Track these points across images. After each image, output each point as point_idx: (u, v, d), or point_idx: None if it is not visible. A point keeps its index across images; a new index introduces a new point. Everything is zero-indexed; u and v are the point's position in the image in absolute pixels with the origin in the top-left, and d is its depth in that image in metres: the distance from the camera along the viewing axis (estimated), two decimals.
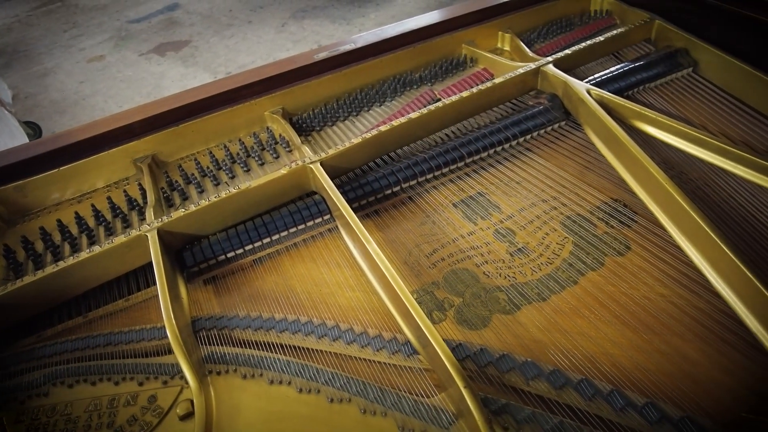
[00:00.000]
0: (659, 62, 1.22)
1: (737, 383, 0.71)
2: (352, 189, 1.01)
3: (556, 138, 1.14)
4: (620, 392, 0.70)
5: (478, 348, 0.77)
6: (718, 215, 0.91)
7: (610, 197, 1.00)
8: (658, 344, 0.76)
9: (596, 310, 0.82)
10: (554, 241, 0.94)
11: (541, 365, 0.74)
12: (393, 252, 0.96)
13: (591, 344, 0.77)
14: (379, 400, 0.73)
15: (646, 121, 1.06)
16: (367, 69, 1.29)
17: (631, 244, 0.91)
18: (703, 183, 0.97)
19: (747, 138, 1.06)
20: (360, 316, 0.85)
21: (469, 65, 1.37)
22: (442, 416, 0.70)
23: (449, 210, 1.02)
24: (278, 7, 4.62)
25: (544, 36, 1.44)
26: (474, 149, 1.08)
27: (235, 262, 0.97)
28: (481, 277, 0.90)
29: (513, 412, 0.69)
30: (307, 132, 1.23)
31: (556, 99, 1.17)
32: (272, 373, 0.78)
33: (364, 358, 0.79)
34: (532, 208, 1.01)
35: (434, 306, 0.86)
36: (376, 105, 1.27)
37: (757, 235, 0.87)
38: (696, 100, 1.18)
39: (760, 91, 1.10)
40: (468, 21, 1.40)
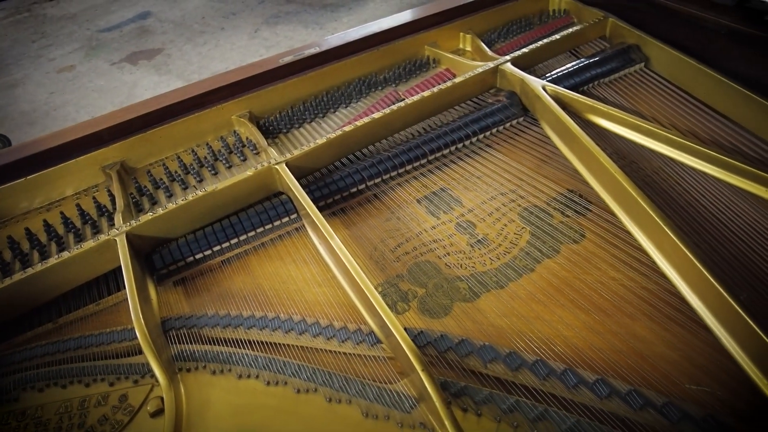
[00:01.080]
0: (612, 58, 1.28)
1: (682, 357, 0.76)
2: (318, 188, 1.04)
3: (515, 134, 1.18)
4: (573, 371, 0.73)
5: (438, 335, 0.80)
6: (666, 201, 0.96)
7: (565, 188, 1.04)
8: (609, 325, 0.80)
9: (552, 295, 0.86)
10: (512, 232, 0.98)
11: (499, 348, 0.77)
12: (359, 248, 0.99)
13: (546, 327, 0.81)
14: (344, 388, 0.75)
15: (599, 115, 1.11)
16: (332, 72, 1.32)
17: (585, 232, 0.96)
18: (652, 171, 1.02)
19: (693, 128, 1.11)
20: (326, 310, 0.87)
21: (432, 66, 1.41)
22: (405, 401, 0.73)
23: (413, 206, 1.06)
24: (251, 13, 4.62)
25: (505, 36, 1.49)
26: (436, 146, 1.11)
27: (204, 263, 0.99)
28: (443, 268, 0.93)
29: (471, 394, 0.72)
30: (274, 134, 1.26)
31: (515, 96, 1.21)
32: (240, 367, 0.80)
33: (330, 350, 0.81)
34: (491, 201, 1.04)
35: (398, 297, 0.89)
36: (341, 107, 1.30)
37: (701, 219, 0.92)
38: (648, 93, 1.23)
39: (706, 84, 1.16)
40: (430, 23, 1.44)
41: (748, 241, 0.88)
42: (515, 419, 0.70)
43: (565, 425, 0.68)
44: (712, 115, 1.13)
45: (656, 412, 0.69)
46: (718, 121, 1.11)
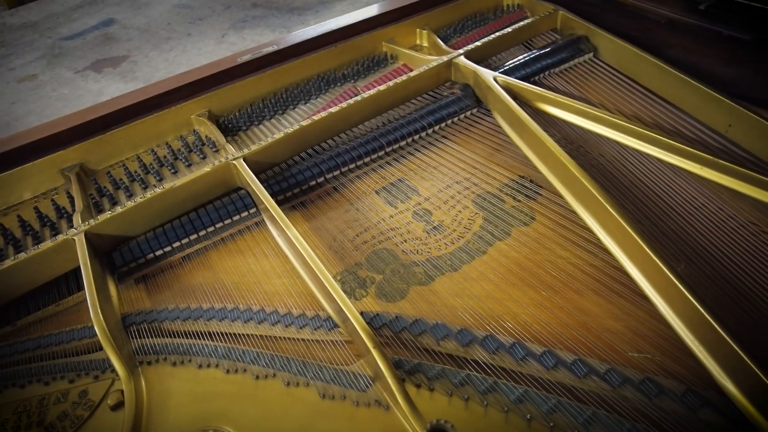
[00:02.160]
0: (562, 49, 1.32)
1: (625, 327, 0.79)
2: (277, 182, 1.05)
3: (469, 124, 1.21)
4: (521, 344, 0.77)
5: (393, 316, 0.83)
6: (611, 182, 1.01)
7: (517, 174, 1.08)
8: (557, 300, 0.84)
9: (503, 275, 0.89)
10: (466, 218, 1.01)
11: (450, 326, 0.80)
12: (319, 239, 1.01)
13: (497, 305, 0.84)
14: (301, 372, 0.77)
15: (547, 103, 1.15)
16: (290, 69, 1.34)
17: (535, 215, 0.99)
18: (598, 154, 1.07)
19: (638, 113, 1.16)
20: (285, 300, 0.89)
21: (390, 62, 1.44)
22: (360, 381, 0.75)
23: (372, 196, 1.08)
24: (218, 18, 4.60)
25: (460, 31, 1.52)
26: (393, 139, 1.14)
27: (165, 260, 0.99)
28: (400, 254, 0.96)
29: (425, 371, 0.75)
30: (234, 132, 1.27)
31: (468, 88, 1.25)
32: (200, 358, 0.81)
33: (288, 337, 0.83)
34: (447, 189, 1.07)
35: (357, 284, 0.91)
36: (301, 103, 1.32)
37: (643, 197, 0.97)
38: (596, 81, 1.28)
39: (649, 71, 1.21)
40: (386, 20, 1.47)
41: (686, 216, 0.92)
42: (466, 392, 0.72)
43: (514, 395, 0.71)
44: (656, 101, 1.18)
45: (599, 379, 0.72)
46: (660, 105, 1.17)
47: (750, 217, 0.91)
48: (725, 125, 1.06)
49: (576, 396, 0.71)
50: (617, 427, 0.67)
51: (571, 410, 0.69)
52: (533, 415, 0.69)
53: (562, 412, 0.69)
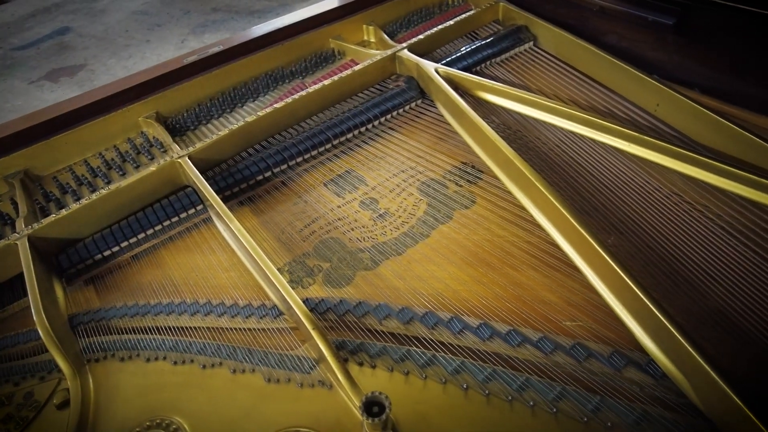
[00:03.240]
0: (502, 39, 1.36)
1: (559, 298, 0.83)
2: (223, 179, 1.07)
3: (415, 115, 1.25)
4: (459, 318, 0.80)
5: (338, 300, 0.85)
6: (547, 163, 1.05)
7: (460, 161, 1.11)
8: (494, 276, 0.87)
9: (445, 255, 0.92)
10: (411, 204, 1.04)
11: (393, 306, 0.83)
12: (267, 232, 1.02)
13: (439, 284, 0.87)
14: (247, 359, 0.79)
15: (486, 91, 1.19)
16: (237, 68, 1.35)
17: (476, 198, 1.03)
18: (534, 137, 1.11)
19: (574, 97, 1.21)
20: (232, 292, 0.91)
21: (337, 58, 1.46)
22: (305, 363, 0.77)
23: (320, 189, 1.10)
24: (177, 23, 4.55)
25: (407, 26, 1.56)
26: (339, 131, 1.16)
27: (114, 260, 1.00)
28: (347, 242, 0.98)
29: (367, 349, 0.78)
30: (183, 132, 1.27)
31: (412, 80, 1.28)
32: (148, 352, 0.82)
33: (235, 328, 0.85)
34: (393, 178, 1.10)
35: (305, 273, 0.93)
36: (249, 101, 1.33)
37: (576, 175, 1.01)
38: (536, 69, 1.33)
39: (585, 57, 1.26)
40: (333, 17, 1.49)
41: (616, 191, 0.97)
42: (406, 367, 0.75)
43: (451, 367, 0.74)
44: (591, 84, 1.23)
45: (532, 347, 0.76)
46: (595, 89, 1.22)
47: (674, 189, 0.96)
48: (653, 105, 1.12)
49: (510, 364, 0.74)
50: (548, 391, 0.70)
51: (506, 377, 0.72)
52: (470, 384, 0.72)
53: (497, 380, 0.72)
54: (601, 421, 0.67)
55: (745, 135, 0.96)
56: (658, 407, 0.68)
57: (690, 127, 1.06)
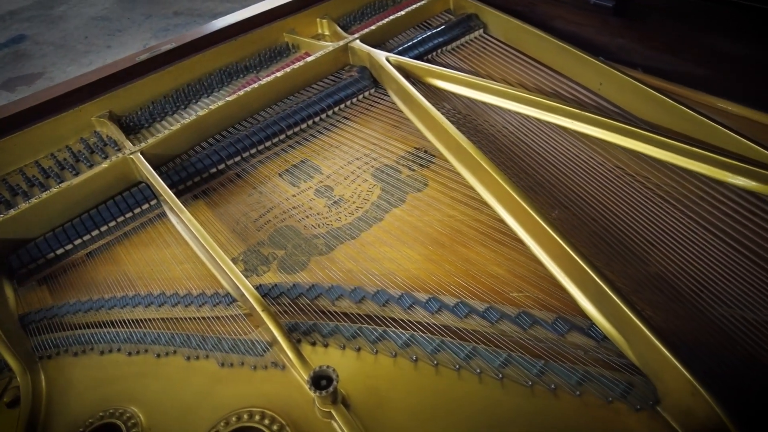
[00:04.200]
0: (453, 27, 1.39)
1: (507, 271, 0.86)
2: (176, 172, 1.07)
3: (369, 105, 1.26)
4: (409, 294, 0.82)
5: (291, 285, 0.86)
6: (494, 144, 1.08)
7: (413, 147, 1.13)
8: (445, 254, 0.90)
9: (398, 237, 0.94)
10: (365, 190, 1.05)
11: (345, 287, 0.84)
12: (222, 224, 1.03)
13: (392, 264, 0.89)
14: (201, 345, 0.79)
15: (437, 78, 1.21)
16: (191, 65, 1.35)
17: (428, 181, 1.05)
18: (483, 121, 1.14)
19: (522, 80, 1.24)
20: (186, 283, 0.91)
21: (292, 51, 1.47)
22: (258, 347, 0.78)
23: (275, 179, 1.11)
24: (138, 29, 4.49)
25: (360, 18, 1.57)
26: (293, 122, 1.17)
27: (67, 258, 0.99)
28: (302, 230, 0.99)
29: (320, 329, 0.79)
30: (137, 130, 1.27)
31: (365, 70, 1.29)
32: (102, 345, 0.82)
33: (190, 317, 0.85)
34: (348, 165, 1.12)
35: (259, 262, 0.94)
36: (203, 97, 1.33)
37: (523, 154, 1.04)
38: (485, 55, 1.36)
39: (532, 42, 1.30)
40: (286, 11, 1.50)
41: (561, 167, 1.00)
42: (358, 343, 0.77)
43: (401, 340, 0.76)
44: (538, 68, 1.27)
45: (479, 317, 0.78)
46: (542, 71, 1.25)
47: (617, 162, 0.99)
48: (597, 84, 1.16)
49: (458, 335, 0.76)
50: (494, 358, 0.73)
51: (454, 348, 0.74)
52: (419, 356, 0.74)
53: (446, 351, 0.74)
54: (545, 383, 0.70)
55: (682, 109, 1.00)
56: (600, 367, 0.71)
57: (631, 104, 1.10)
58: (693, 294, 0.78)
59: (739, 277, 0.79)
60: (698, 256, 0.83)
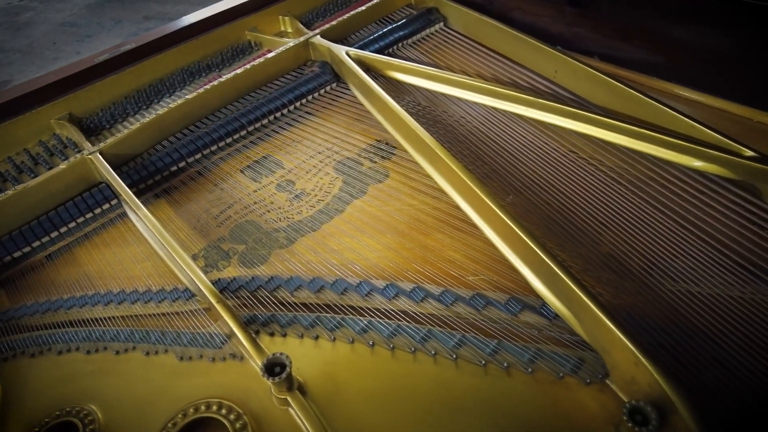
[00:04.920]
0: (413, 21, 1.41)
1: (463, 256, 0.87)
2: (136, 171, 1.06)
3: (331, 99, 1.27)
4: (367, 282, 0.83)
5: (250, 278, 0.86)
6: (452, 134, 1.09)
7: (374, 139, 1.14)
8: (405, 242, 0.91)
9: (358, 227, 0.95)
10: (327, 183, 1.06)
11: (303, 278, 0.85)
12: (183, 221, 1.03)
13: (352, 254, 0.90)
14: (160, 341, 0.79)
15: (396, 70, 1.23)
16: (152, 65, 1.34)
17: (389, 172, 1.06)
18: (442, 111, 1.15)
19: (480, 71, 1.26)
20: (146, 281, 0.91)
21: (255, 49, 1.47)
22: (216, 339, 0.78)
23: (237, 175, 1.11)
24: (108, 34, 4.43)
25: (323, 15, 1.58)
26: (253, 118, 1.18)
27: (25, 261, 0.98)
28: (263, 224, 1.00)
29: (278, 320, 0.80)
30: (98, 132, 1.26)
31: (326, 65, 1.30)
32: (60, 345, 0.82)
33: (149, 314, 0.85)
34: (310, 159, 1.12)
35: (220, 257, 0.94)
36: (165, 97, 1.33)
37: (479, 143, 1.06)
38: (445, 48, 1.37)
39: (490, 33, 1.32)
40: (248, 9, 1.50)
41: (516, 154, 1.02)
42: (316, 332, 0.78)
43: (358, 327, 0.77)
44: (496, 58, 1.29)
45: (435, 301, 0.79)
46: (500, 62, 1.27)
47: (571, 147, 1.02)
48: (552, 72, 1.18)
49: (414, 319, 0.78)
50: (449, 339, 0.74)
51: (410, 331, 0.76)
52: (376, 341, 0.75)
53: (402, 334, 0.76)
54: (497, 362, 0.71)
55: (633, 94, 1.03)
56: (552, 345, 0.73)
57: (585, 90, 1.12)
58: (642, 271, 0.81)
59: (685, 252, 0.82)
60: (648, 234, 0.85)
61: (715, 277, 0.78)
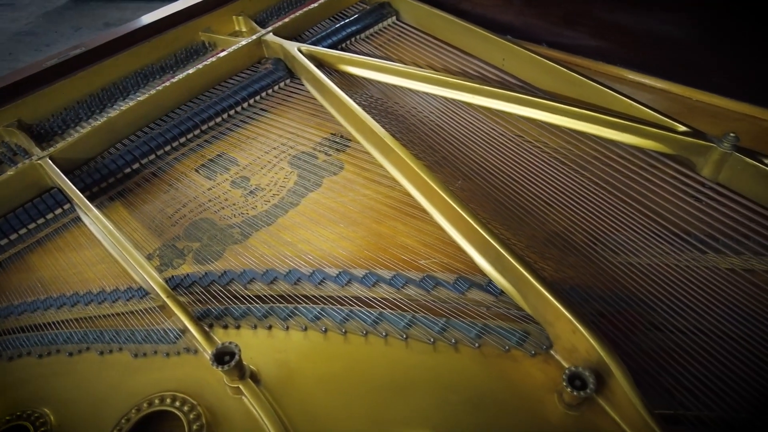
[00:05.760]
0: (366, 16, 1.42)
1: (416, 241, 0.89)
2: (89, 175, 1.06)
3: (286, 95, 1.28)
4: (320, 271, 0.84)
5: (203, 273, 0.87)
6: (403, 124, 1.11)
7: (329, 133, 1.16)
8: (359, 231, 0.92)
9: (313, 219, 0.96)
10: (282, 177, 1.07)
11: (257, 270, 0.86)
12: (138, 222, 1.02)
13: (306, 245, 0.91)
14: (114, 340, 0.80)
15: (347, 64, 1.24)
16: (104, 69, 1.33)
17: (344, 164, 1.08)
18: (393, 102, 1.17)
19: (431, 62, 1.28)
20: (101, 282, 0.90)
21: (209, 50, 1.47)
22: (170, 335, 0.79)
23: (192, 174, 1.11)
24: (66, 42, 4.34)
25: (278, 13, 1.58)
26: (207, 116, 1.18)
27: None
28: (218, 221, 1.00)
29: (231, 313, 0.80)
30: (50, 138, 1.24)
31: (280, 62, 1.31)
32: (10, 351, 0.81)
33: (103, 315, 0.85)
34: (264, 155, 1.13)
35: (175, 255, 0.94)
36: (119, 100, 1.32)
37: (429, 131, 1.08)
38: (398, 41, 1.39)
39: (441, 25, 1.34)
40: (201, 10, 1.49)
41: (466, 141, 1.05)
42: (269, 322, 0.79)
43: (311, 314, 0.78)
44: (447, 49, 1.31)
45: (386, 285, 0.81)
46: (450, 52, 1.30)
47: (518, 132, 1.04)
48: (500, 60, 1.21)
49: (367, 303, 0.79)
50: (399, 320, 0.76)
51: (361, 315, 0.77)
52: (329, 327, 0.77)
53: (354, 319, 0.77)
54: (446, 339, 0.73)
55: (576, 77, 1.06)
56: (498, 320, 0.75)
57: (532, 76, 1.15)
58: (585, 245, 0.84)
59: (626, 226, 0.85)
60: (591, 211, 0.88)
61: (653, 247, 0.82)
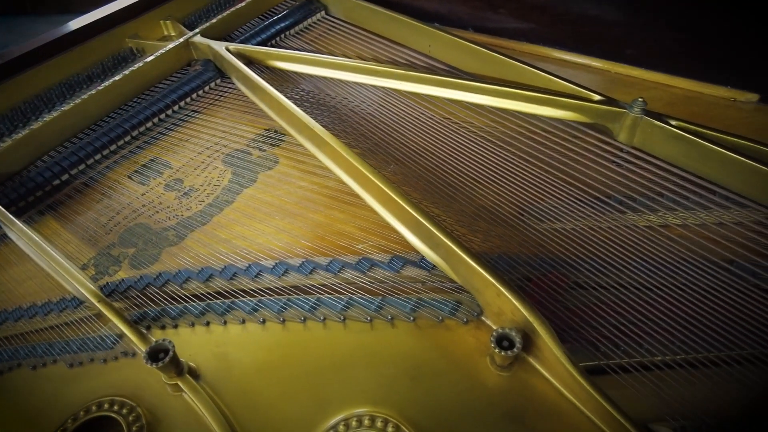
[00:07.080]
0: (294, 12, 1.42)
1: (353, 227, 0.91)
2: (13, 190, 1.02)
3: (218, 95, 1.27)
4: (256, 264, 0.84)
5: (138, 277, 0.86)
6: (335, 114, 1.12)
7: (263, 129, 1.16)
8: (296, 222, 0.93)
9: (250, 215, 0.96)
10: (215, 176, 1.07)
11: (192, 269, 0.85)
12: (70, 234, 1.00)
13: (244, 242, 0.91)
14: (48, 353, 0.78)
15: (276, 59, 1.24)
16: (24, 81, 1.28)
17: (279, 159, 1.08)
18: (325, 94, 1.18)
19: (360, 53, 1.30)
20: (33, 298, 0.88)
21: (138, 56, 1.44)
22: (107, 341, 0.78)
23: (124, 182, 1.09)
24: None
25: (207, 16, 1.56)
26: (136, 122, 1.16)
27: None
28: (153, 225, 0.99)
29: (168, 313, 0.80)
30: None
31: (209, 63, 1.30)
32: None
33: (35, 330, 0.83)
34: (197, 156, 1.12)
35: (111, 263, 0.93)
36: (45, 113, 1.28)
37: (361, 120, 1.10)
38: (328, 35, 1.40)
39: (368, 17, 1.35)
40: (125, 16, 1.46)
41: (396, 126, 1.07)
42: (207, 318, 0.79)
43: (249, 307, 0.78)
44: (376, 40, 1.33)
45: (323, 271, 0.82)
46: (379, 43, 1.31)
47: (445, 114, 1.07)
48: (427, 47, 1.24)
49: (304, 291, 0.80)
50: (336, 304, 0.77)
51: (299, 303, 0.78)
52: (266, 317, 0.77)
53: (292, 307, 0.78)
54: (383, 316, 0.75)
55: (497, 57, 1.10)
56: (432, 294, 0.78)
57: (457, 60, 1.18)
58: (512, 216, 0.87)
59: (550, 195, 0.89)
60: (516, 183, 0.92)
61: (575, 212, 0.86)
